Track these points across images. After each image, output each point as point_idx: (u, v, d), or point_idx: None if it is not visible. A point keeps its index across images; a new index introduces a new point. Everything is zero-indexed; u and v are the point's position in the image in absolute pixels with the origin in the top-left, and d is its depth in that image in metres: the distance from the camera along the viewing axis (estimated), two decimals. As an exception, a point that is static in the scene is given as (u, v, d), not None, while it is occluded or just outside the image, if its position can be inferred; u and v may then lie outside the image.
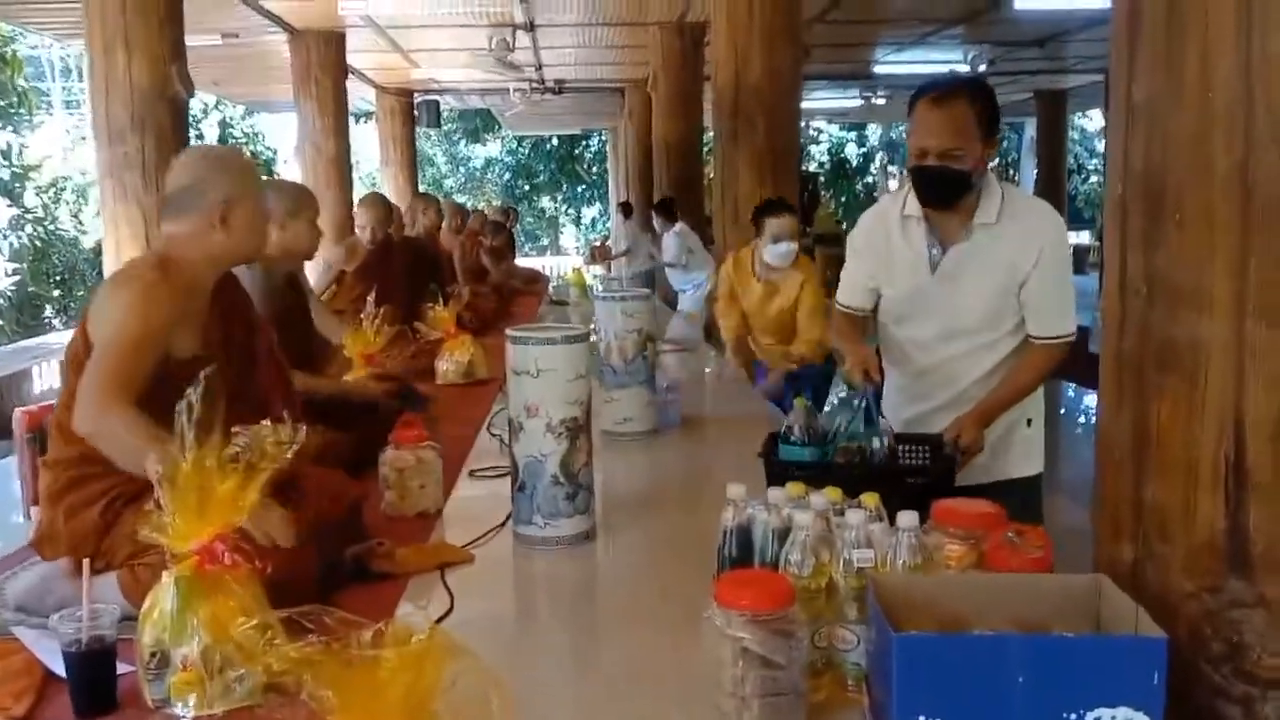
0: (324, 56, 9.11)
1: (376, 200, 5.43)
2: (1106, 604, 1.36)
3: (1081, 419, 7.99)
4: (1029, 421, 2.55)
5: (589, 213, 28.18)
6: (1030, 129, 18.87)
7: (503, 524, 2.40)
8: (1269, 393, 1.24)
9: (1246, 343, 1.25)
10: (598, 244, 11.81)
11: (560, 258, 21.09)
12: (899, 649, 1.20)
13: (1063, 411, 8.18)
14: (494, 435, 3.33)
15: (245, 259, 2.27)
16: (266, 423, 1.64)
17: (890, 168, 26.55)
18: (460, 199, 24.28)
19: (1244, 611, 1.29)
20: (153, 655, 1.54)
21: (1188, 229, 1.30)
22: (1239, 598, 1.29)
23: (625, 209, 12.73)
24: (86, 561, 1.59)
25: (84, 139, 14.18)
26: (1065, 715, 1.19)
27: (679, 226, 8.60)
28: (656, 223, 8.88)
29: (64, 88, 16.38)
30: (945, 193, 2.35)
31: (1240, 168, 1.23)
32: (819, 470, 2.01)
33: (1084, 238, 18.68)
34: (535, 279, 9.75)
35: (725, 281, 4.67)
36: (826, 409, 2.23)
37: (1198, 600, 1.33)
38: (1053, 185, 15.56)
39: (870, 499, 1.63)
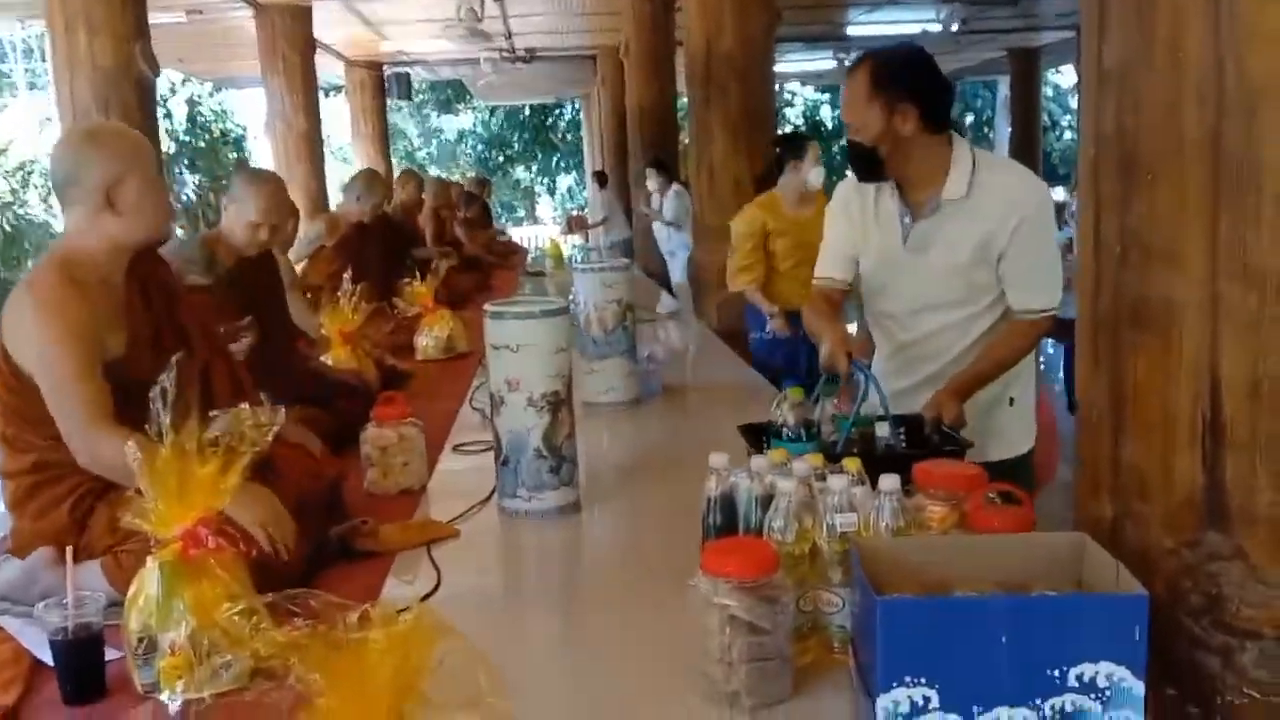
0: (291, 31, 8.98)
1: (376, 180, 5.38)
2: (1088, 562, 1.38)
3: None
4: (1011, 400, 2.44)
5: (565, 181, 28.02)
6: (1004, 87, 18.85)
7: (487, 498, 2.41)
8: (1243, 350, 1.25)
9: (1220, 301, 1.26)
10: (574, 214, 11.74)
11: (538, 228, 20.98)
12: (883, 613, 1.22)
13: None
14: (476, 409, 3.33)
15: (150, 241, 2.10)
16: (245, 405, 1.63)
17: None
18: (434, 171, 24.12)
19: (1222, 564, 1.30)
20: (140, 641, 1.54)
21: (1160, 189, 1.30)
22: (1217, 550, 1.31)
23: (600, 178, 12.64)
24: (69, 550, 1.58)
25: (49, 120, 13.97)
26: (1049, 672, 1.21)
27: (677, 186, 8.50)
28: (653, 182, 8.75)
29: (27, 69, 16.10)
30: (861, 168, 2.31)
31: (1211, 130, 1.24)
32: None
33: (1059, 194, 18.73)
34: (513, 250, 9.72)
35: (755, 231, 4.47)
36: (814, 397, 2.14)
37: (1176, 555, 1.35)
38: (1027, 143, 15.58)
39: (852, 463, 1.64)
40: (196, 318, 2.24)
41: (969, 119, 25.27)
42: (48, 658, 1.62)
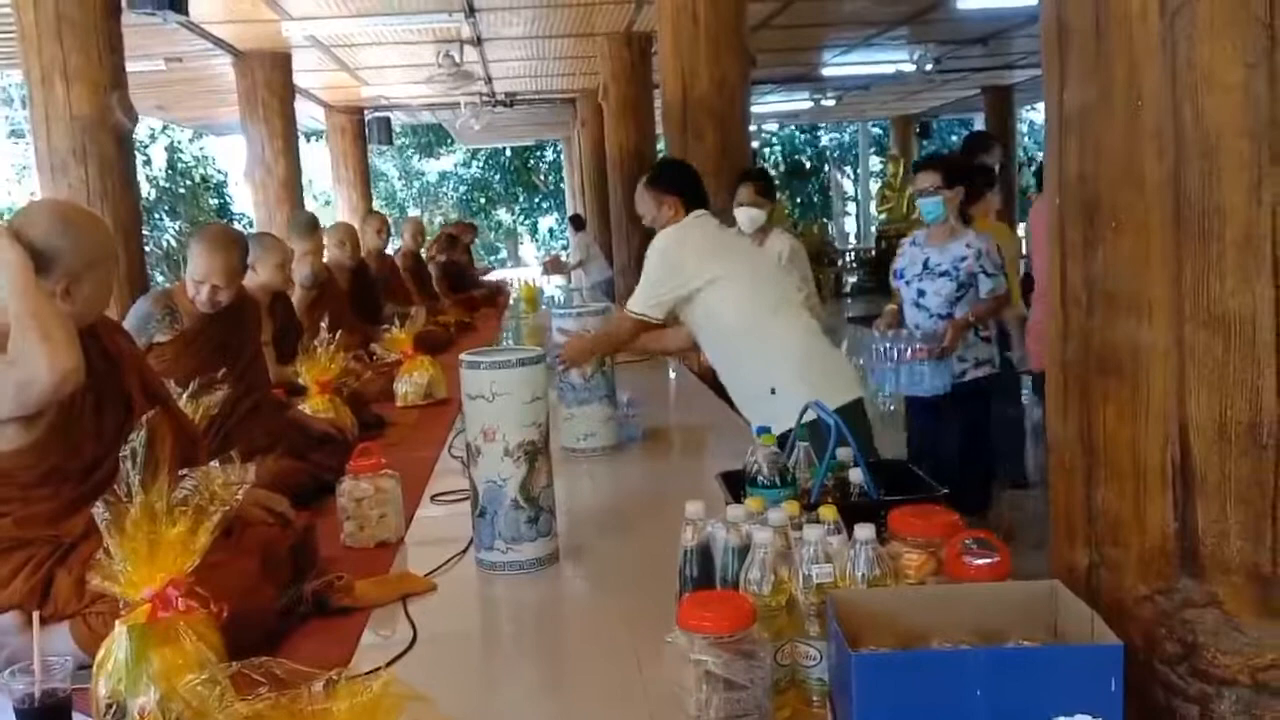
0: (270, 78, 9.01)
1: (312, 225, 5.39)
2: (1063, 610, 1.37)
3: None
4: (773, 390, 3.01)
5: (546, 223, 28.11)
6: (979, 124, 19.08)
7: (464, 550, 2.39)
8: (1210, 395, 1.26)
9: (1186, 346, 1.27)
10: (551, 257, 11.78)
11: (521, 269, 21.01)
12: (858, 668, 1.21)
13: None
14: (454, 457, 3.31)
15: (90, 320, 2.08)
16: (215, 464, 1.61)
17: (844, 168, 26.73)
18: (414, 213, 24.17)
19: (1196, 611, 1.30)
20: (109, 707, 1.51)
21: (1123, 237, 1.32)
22: (1191, 598, 1.31)
23: (576, 222, 12.77)
24: (36, 615, 1.55)
25: (28, 168, 13.96)
26: (1025, 725, 1.20)
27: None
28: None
29: (6, 117, 16.11)
30: None
31: (1172, 175, 1.25)
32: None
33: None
34: (496, 293, 9.72)
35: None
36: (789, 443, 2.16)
37: (1151, 603, 1.34)
38: (1003, 178, 15.73)
39: (828, 511, 1.63)
40: (140, 381, 2.20)
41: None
42: (15, 726, 1.58)
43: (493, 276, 11.82)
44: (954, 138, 25.15)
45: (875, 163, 24.22)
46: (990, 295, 4.05)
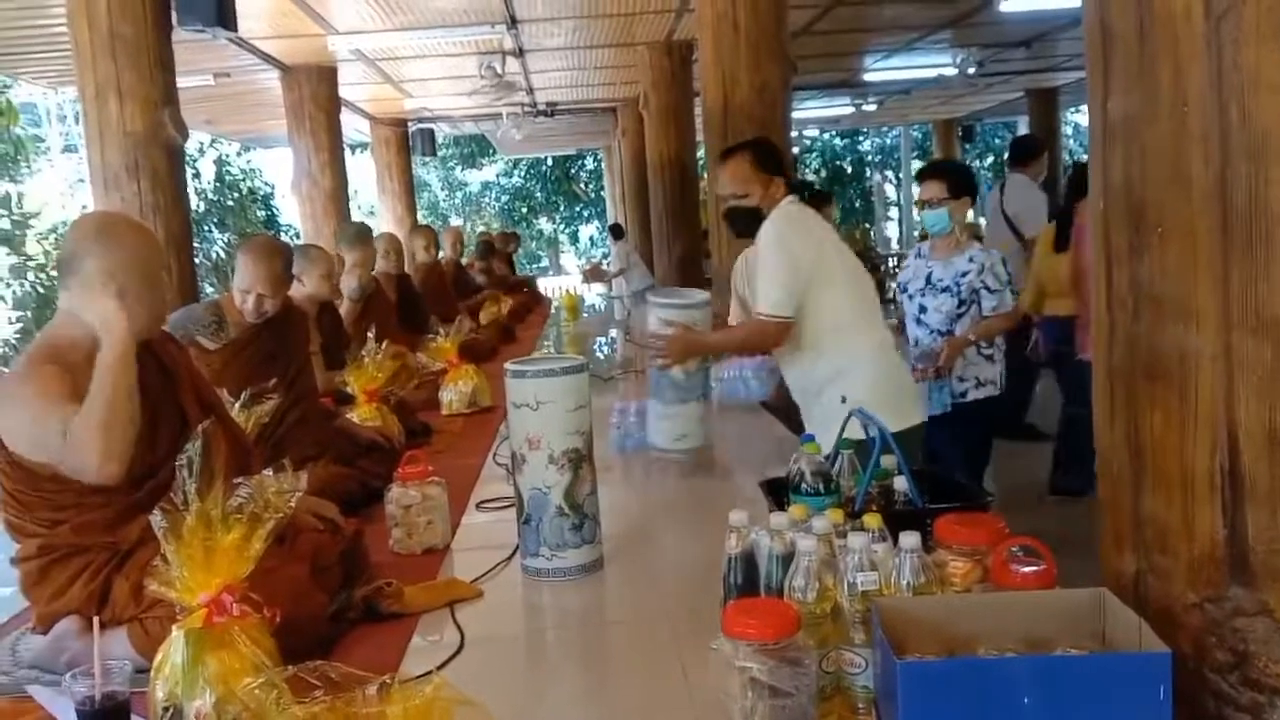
0: (316, 91, 9.14)
1: (362, 237, 5.45)
2: (1110, 618, 1.37)
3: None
4: (843, 398, 2.86)
5: (587, 231, 28.22)
6: (1023, 127, 18.90)
7: (510, 557, 2.41)
8: (1259, 401, 1.25)
9: (1234, 352, 1.26)
10: (591, 265, 11.85)
11: (563, 278, 21.11)
12: (904, 676, 1.21)
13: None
14: (499, 464, 3.34)
15: (144, 334, 2.09)
16: (268, 473, 1.65)
17: (886, 172, 26.56)
18: (456, 223, 24.35)
19: (1247, 620, 1.29)
20: (166, 710, 1.55)
21: (1169, 242, 1.31)
22: (1242, 606, 1.29)
23: (615, 231, 12.89)
24: (95, 620, 1.59)
25: (82, 182, 14.25)
26: (1073, 734, 1.19)
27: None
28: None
29: (61, 133, 16.47)
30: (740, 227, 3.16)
31: (1218, 180, 1.24)
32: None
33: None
34: (535, 302, 9.80)
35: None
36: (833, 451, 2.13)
37: (1201, 610, 1.33)
38: (1049, 181, 15.55)
39: (873, 519, 1.63)
40: (194, 393, 2.24)
41: (989, 159, 25.30)
42: (75, 727, 1.63)
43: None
44: (998, 140, 24.94)
45: (918, 166, 24.05)
46: (994, 313, 3.80)
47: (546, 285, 15.22)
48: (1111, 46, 1.38)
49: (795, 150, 19.94)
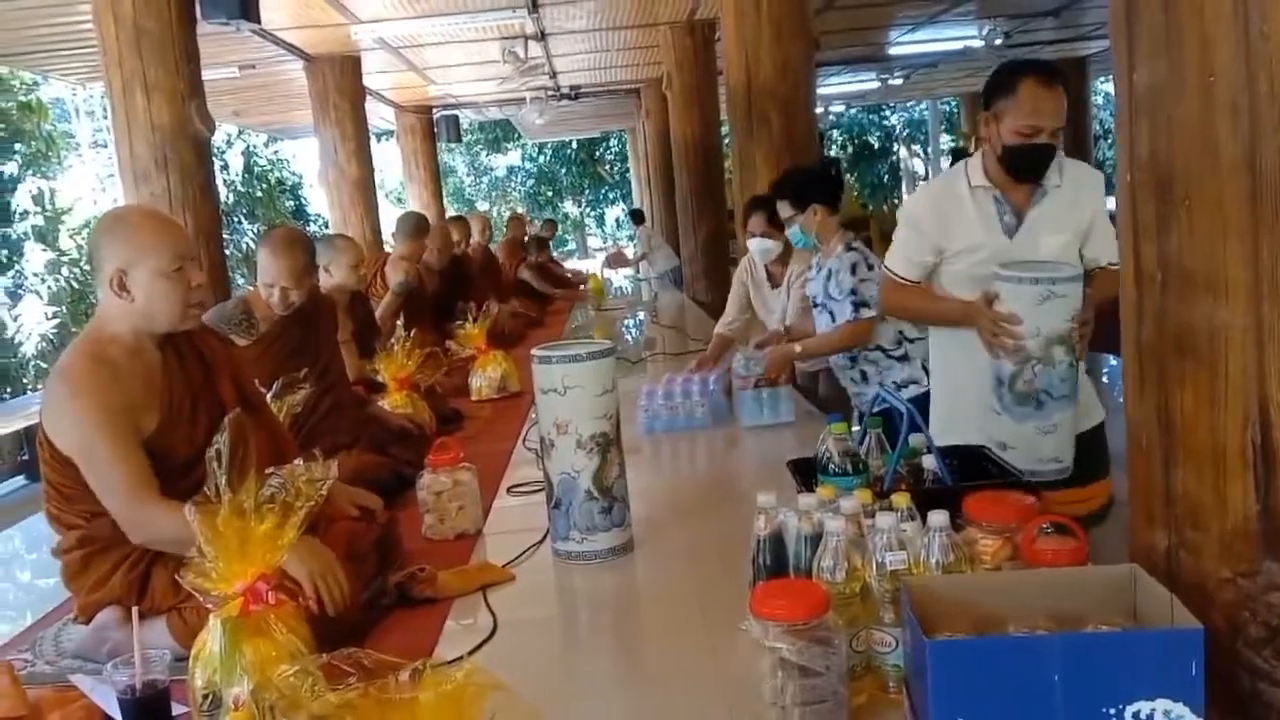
0: (341, 81, 9.16)
1: (419, 231, 5.48)
2: (1142, 594, 1.36)
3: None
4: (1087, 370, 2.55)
5: (613, 213, 28.19)
6: (1053, 98, 18.64)
7: (541, 541, 2.43)
8: (1291, 374, 1.23)
9: (1265, 326, 1.24)
10: (615, 250, 11.87)
11: (589, 260, 21.14)
12: (933, 654, 1.21)
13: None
14: (529, 449, 3.36)
15: (168, 329, 2.09)
16: (299, 462, 1.67)
17: (914, 147, 26.32)
18: (483, 207, 24.40)
19: (1281, 594, 1.28)
20: (205, 697, 1.58)
21: (1197, 215, 1.29)
22: (1275, 580, 1.28)
23: (636, 216, 12.97)
24: (135, 610, 1.62)
25: (112, 176, 14.41)
26: (1104, 710, 1.19)
27: None
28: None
29: (91, 128, 16.65)
30: (1043, 168, 2.45)
31: (1247, 152, 1.23)
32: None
33: (1110, 203, 18.42)
34: (567, 283, 9.85)
35: None
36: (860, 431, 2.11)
37: (1234, 585, 1.32)
38: (1079, 151, 15.36)
39: (901, 499, 1.63)
40: (234, 383, 2.26)
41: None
42: (118, 715, 1.66)
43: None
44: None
45: (946, 140, 23.81)
46: (839, 327, 3.41)
47: (573, 268, 15.25)
48: (1136, 17, 1.36)
49: (821, 128, 19.83)
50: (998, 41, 10.79)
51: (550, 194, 27.80)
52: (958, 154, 6.21)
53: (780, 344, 3.67)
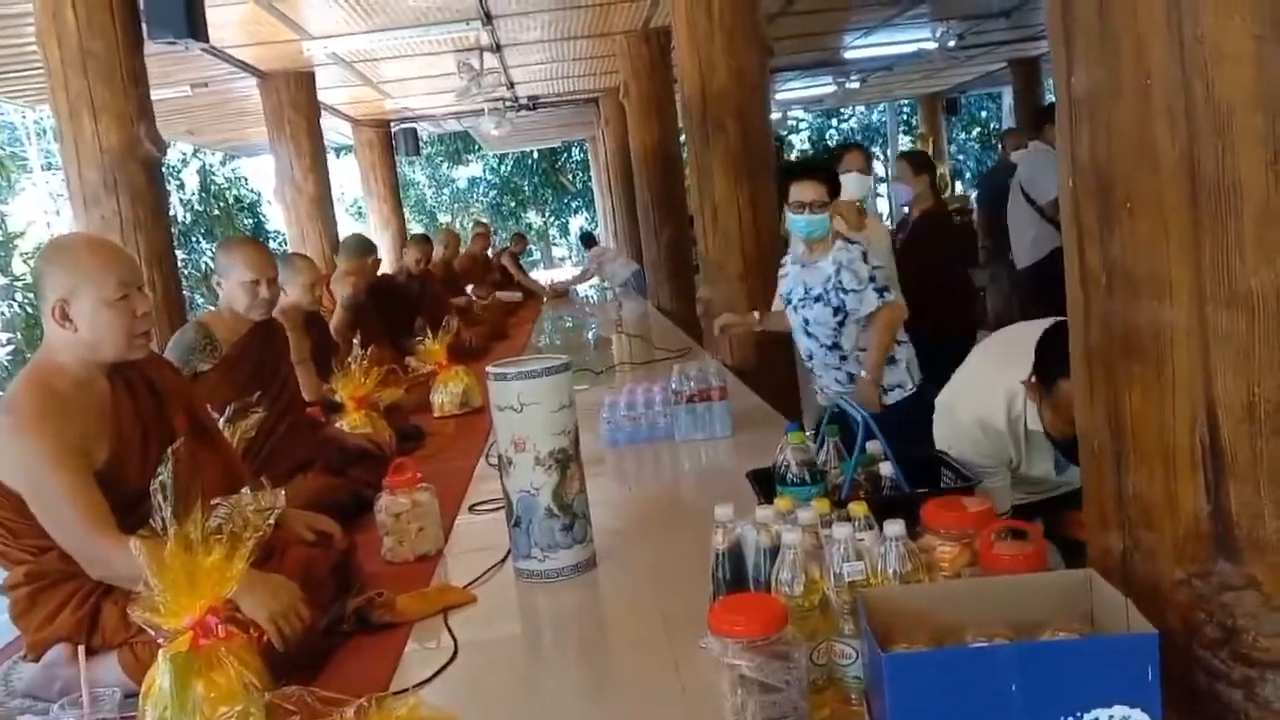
0: (295, 97, 9.07)
1: (361, 249, 5.47)
2: (1098, 598, 1.36)
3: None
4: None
5: (576, 222, 28.15)
6: (1008, 97, 18.84)
7: (502, 560, 2.40)
8: (1236, 374, 1.24)
9: (1209, 326, 1.24)
10: (555, 285, 11.83)
11: (553, 271, 21.10)
12: (890, 668, 1.20)
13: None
14: (492, 465, 3.32)
15: (115, 360, 2.05)
16: (246, 491, 1.63)
17: (873, 149, 26.50)
18: (445, 219, 24.30)
19: (1235, 594, 1.28)
20: (156, 735, 1.54)
21: (1139, 217, 1.29)
22: (1228, 581, 1.29)
23: (586, 240, 13.17)
24: (81, 649, 1.58)
25: (64, 197, 14.23)
26: (1063, 718, 1.19)
27: None
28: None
29: (41, 150, 16.39)
30: None
31: (1185, 154, 1.23)
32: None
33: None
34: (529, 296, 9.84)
35: None
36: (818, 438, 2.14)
37: (1188, 586, 1.32)
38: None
39: (859, 508, 1.62)
40: (187, 413, 2.22)
41: (975, 131, 25.26)
42: (67, 757, 1.62)
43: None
44: (984, 113, 24.89)
45: (905, 142, 23.99)
46: (866, 320, 3.45)
47: (537, 279, 15.22)
48: (1072, 22, 1.36)
49: (782, 133, 19.91)
50: (951, 43, 10.90)
51: (513, 204, 27.69)
52: (916, 155, 6.14)
53: (859, 384, 3.49)
